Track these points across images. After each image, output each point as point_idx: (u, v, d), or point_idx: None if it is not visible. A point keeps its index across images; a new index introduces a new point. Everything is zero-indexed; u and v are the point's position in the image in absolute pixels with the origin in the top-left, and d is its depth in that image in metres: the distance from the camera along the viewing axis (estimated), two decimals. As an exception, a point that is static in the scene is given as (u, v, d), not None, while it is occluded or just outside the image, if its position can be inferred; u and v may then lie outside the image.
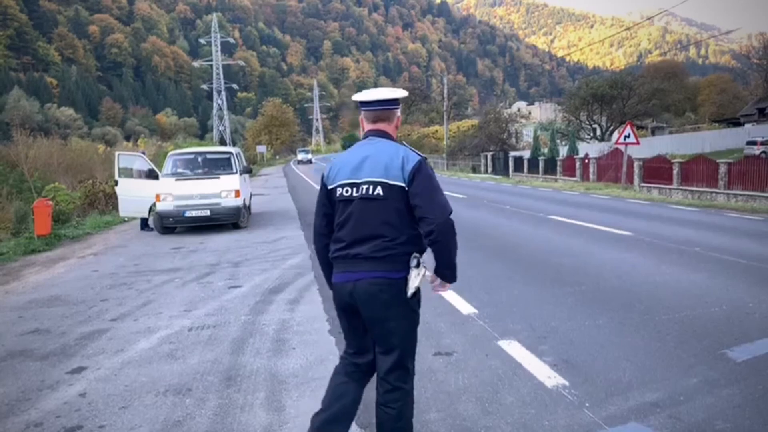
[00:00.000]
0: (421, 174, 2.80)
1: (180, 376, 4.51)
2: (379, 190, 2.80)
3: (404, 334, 2.95)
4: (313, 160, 73.93)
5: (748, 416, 3.45)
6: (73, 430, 3.70)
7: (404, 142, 3.03)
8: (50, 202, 13.09)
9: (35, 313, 6.67)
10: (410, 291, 2.84)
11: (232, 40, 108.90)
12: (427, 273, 2.94)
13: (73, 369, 4.80)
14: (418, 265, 2.85)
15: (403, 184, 2.79)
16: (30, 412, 4.00)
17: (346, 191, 2.87)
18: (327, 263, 3.05)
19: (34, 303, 7.20)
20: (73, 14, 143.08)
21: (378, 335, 2.92)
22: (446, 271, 3.04)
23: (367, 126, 3.02)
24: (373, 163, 2.84)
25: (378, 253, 2.80)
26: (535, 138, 39.39)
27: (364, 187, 2.83)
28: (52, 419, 3.87)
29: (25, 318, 6.50)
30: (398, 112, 3.05)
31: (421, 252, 2.91)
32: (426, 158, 2.92)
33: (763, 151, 39.01)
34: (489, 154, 44.07)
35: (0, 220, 13.62)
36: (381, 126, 2.99)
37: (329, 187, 2.96)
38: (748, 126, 53.86)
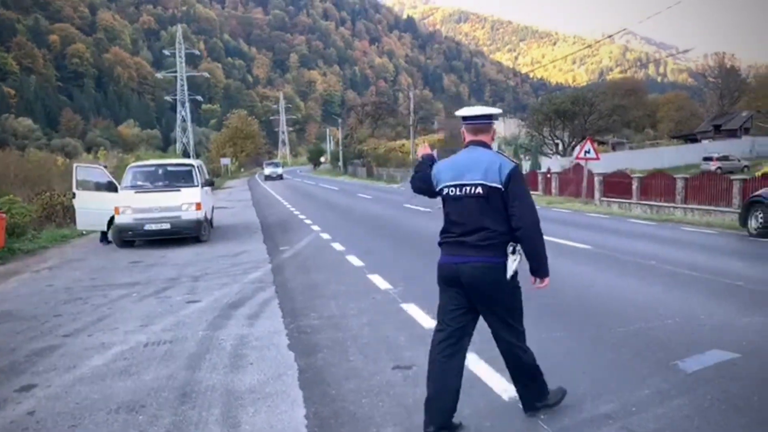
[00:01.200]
0: (515, 178, 3.42)
1: (133, 392, 4.41)
2: (479, 190, 3.42)
3: (511, 306, 3.57)
4: (284, 176, 61.92)
5: (696, 426, 3.52)
6: (18, 450, 3.58)
7: (501, 151, 3.44)
8: (4, 215, 12.72)
9: (-16, 330, 6.46)
10: (509, 273, 3.43)
11: (197, 52, 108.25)
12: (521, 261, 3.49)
13: (21, 387, 4.66)
14: (514, 252, 3.44)
15: (500, 186, 3.39)
16: (-26, 432, 3.86)
17: (452, 191, 3.51)
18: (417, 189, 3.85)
19: (-17, 319, 6.97)
20: (32, 23, 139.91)
21: (487, 309, 3.54)
22: (535, 264, 3.57)
23: (469, 137, 3.66)
24: (474, 168, 3.47)
25: (482, 242, 3.41)
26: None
27: (468, 187, 3.46)
28: (-3, 439, 3.74)
29: (-27, 334, 6.28)
30: (494, 126, 3.70)
31: (516, 242, 3.46)
32: (518, 164, 3.55)
33: (719, 167, 40.21)
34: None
35: (-49, 233, 13.12)
36: (481, 137, 3.64)
37: (438, 187, 3.61)
38: (704, 142, 55.53)
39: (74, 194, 13.39)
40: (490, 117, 3.64)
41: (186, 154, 76.09)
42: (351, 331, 5.77)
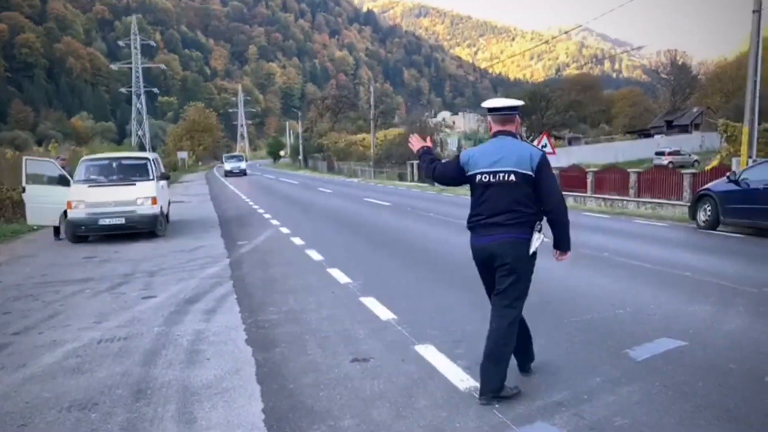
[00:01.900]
0: (544, 166, 3.85)
1: (86, 390, 4.33)
2: (512, 177, 3.80)
3: (523, 276, 3.93)
4: (248, 172, 53.61)
5: (645, 412, 3.64)
6: (-35, 451, 3.48)
7: (526, 140, 3.62)
8: (-51, 210, 12.28)
9: (-72, 328, 6.23)
10: (531, 250, 3.86)
11: (152, 43, 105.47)
12: (545, 239, 3.91)
13: (-32, 386, 4.52)
14: (540, 230, 3.87)
15: (531, 173, 3.79)
16: None
17: (485, 177, 3.87)
18: (431, 171, 4.23)
19: (-73, 317, 6.72)
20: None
21: (504, 276, 3.89)
22: (563, 242, 4.06)
23: (496, 127, 4.00)
24: (507, 157, 3.83)
25: (510, 221, 3.82)
26: (459, 147, 40.26)
27: (501, 174, 3.82)
28: (-58, 441, 3.63)
29: None
30: (518, 117, 4.09)
31: (541, 221, 3.90)
32: (545, 153, 3.97)
33: (671, 162, 41.36)
34: (415, 163, 44.61)
35: None
36: (507, 127, 3.99)
37: (469, 173, 3.95)
38: (657, 137, 57.03)
39: (24, 188, 12.99)
40: (515, 108, 4.01)
41: (142, 148, 74.37)
42: (310, 325, 5.76)
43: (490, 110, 4.02)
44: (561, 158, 26.50)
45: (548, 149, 22.99)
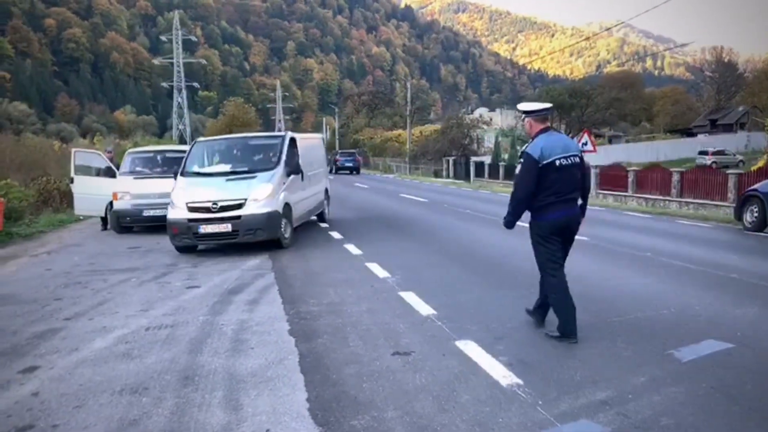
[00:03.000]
0: (582, 153, 5.03)
1: (136, 375, 4.47)
2: (578, 160, 4.88)
3: None
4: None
5: (691, 413, 3.60)
6: (24, 429, 3.64)
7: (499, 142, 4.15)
8: (1, 199, 12.73)
9: (-15, 312, 6.50)
10: None
11: (193, 38, 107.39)
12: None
13: (25, 368, 4.71)
14: None
15: (580, 158, 4.91)
16: (-21, 412, 3.91)
17: (563, 161, 4.79)
18: (524, 210, 5.02)
19: (-17, 302, 7.01)
20: (28, 6, 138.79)
21: (570, 241, 5.10)
22: (585, 207, 5.17)
23: (539, 125, 4.98)
24: (569, 145, 4.94)
25: (578, 196, 4.97)
26: (496, 144, 39.96)
27: (572, 158, 4.83)
28: (3, 419, 3.79)
29: (-26, 317, 6.32)
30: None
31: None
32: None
33: (714, 161, 40.36)
34: (451, 159, 44.48)
35: (-52, 217, 13.12)
36: (547, 123, 5.06)
37: (546, 161, 4.74)
38: (700, 136, 55.70)
39: (72, 179, 13.38)
40: (549, 109, 5.16)
41: (182, 141, 75.75)
42: (350, 318, 5.83)
43: (532, 112, 4.99)
44: (601, 157, 26.07)
45: (589, 147, 22.69)
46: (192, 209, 9.39)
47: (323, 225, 13.29)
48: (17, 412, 3.89)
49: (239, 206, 9.38)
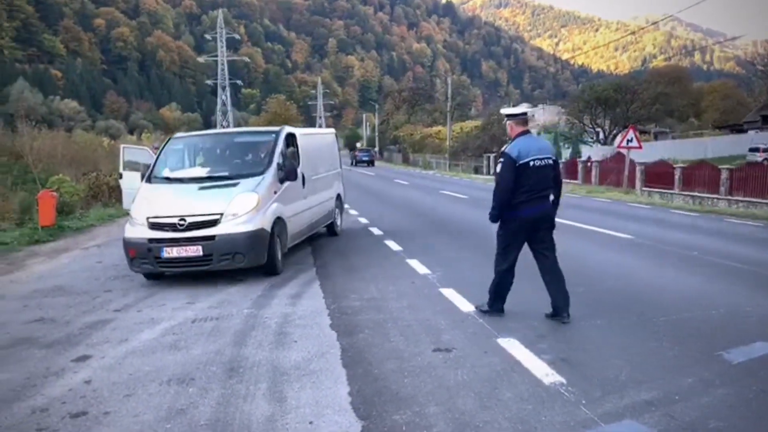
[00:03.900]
0: (554, 155, 5.49)
1: (183, 366, 4.58)
2: (551, 162, 5.36)
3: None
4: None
5: (741, 416, 3.51)
6: (78, 416, 3.77)
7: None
8: (55, 194, 13.16)
9: (40, 303, 6.76)
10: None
11: (237, 36, 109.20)
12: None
13: (77, 357, 4.88)
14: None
15: (552, 159, 5.38)
16: (36, 398, 4.08)
17: (537, 162, 5.26)
18: (508, 206, 5.34)
19: (38, 292, 7.28)
20: (79, 7, 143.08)
21: (547, 231, 5.54)
22: (557, 204, 5.62)
23: (519, 128, 5.44)
24: (544, 147, 5.46)
25: (549, 195, 5.45)
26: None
27: (545, 160, 5.31)
28: (58, 405, 3.94)
29: (29, 307, 6.58)
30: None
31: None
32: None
33: (766, 158, 39.01)
34: (492, 156, 44.10)
35: (4, 211, 13.64)
36: (528, 127, 5.55)
37: (521, 162, 5.21)
38: (751, 133, 53.87)
39: (121, 175, 13.74)
40: (525, 113, 5.63)
41: (225, 138, 76.96)
42: (391, 314, 5.86)
43: (512, 116, 5.51)
44: (647, 153, 25.41)
45: (634, 143, 22.24)
46: (154, 226, 7.25)
47: (363, 221, 13.34)
48: (71, 399, 4.04)
49: (213, 223, 7.19)
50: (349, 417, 3.63)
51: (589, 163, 28.81)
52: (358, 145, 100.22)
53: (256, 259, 7.40)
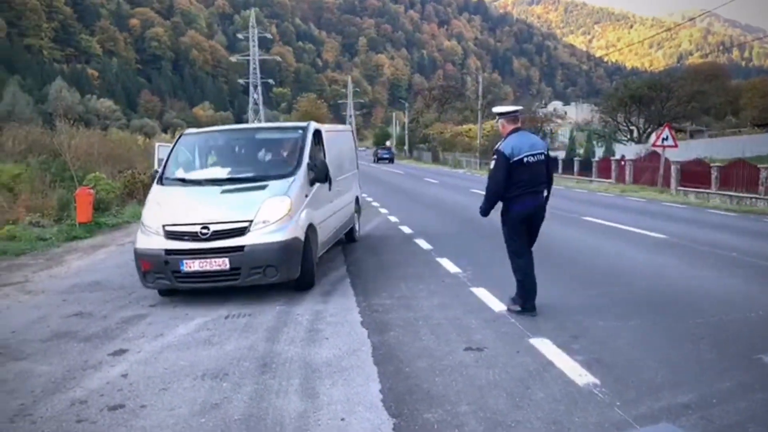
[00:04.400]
0: (548, 150, 5.77)
1: (217, 361, 4.65)
2: (543, 157, 5.54)
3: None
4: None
5: (781, 421, 3.43)
6: (115, 408, 3.85)
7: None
8: (92, 191, 13.44)
9: (78, 297, 6.91)
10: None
11: (269, 36, 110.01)
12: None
13: (114, 351, 4.98)
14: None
15: (546, 155, 5.62)
16: (75, 390, 4.18)
17: (531, 158, 5.44)
18: (497, 201, 5.62)
19: (76, 287, 7.45)
20: (115, 7, 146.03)
21: (538, 225, 5.75)
22: (548, 200, 5.78)
23: (512, 126, 5.61)
24: (536, 144, 5.61)
25: (542, 190, 5.63)
26: (571, 138, 38.97)
27: (538, 155, 5.50)
28: (96, 397, 4.03)
29: (68, 301, 6.74)
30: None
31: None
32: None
33: (807, 157, 37.88)
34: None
35: (43, 207, 13.97)
36: (519, 124, 5.67)
37: (515, 158, 5.38)
38: (791, 131, 52.33)
39: (156, 171, 13.95)
40: (519, 110, 5.84)
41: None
42: (422, 312, 5.85)
43: (504, 114, 5.67)
44: (682, 152, 24.92)
45: (669, 142, 21.85)
46: (171, 235, 6.36)
47: (393, 219, 13.34)
48: (109, 391, 4.13)
49: (241, 232, 6.30)
50: (381, 414, 3.64)
51: (622, 162, 28.38)
52: (388, 143, 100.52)
53: (289, 273, 6.50)
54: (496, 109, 5.86)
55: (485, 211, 5.75)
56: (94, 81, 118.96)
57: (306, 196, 7.06)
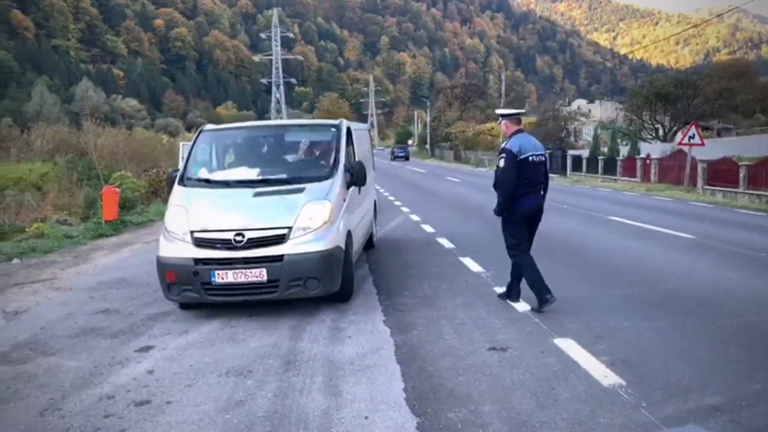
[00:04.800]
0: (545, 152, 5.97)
1: (241, 358, 4.68)
2: (543, 158, 5.80)
3: None
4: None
5: (814, 425, 3.35)
6: (142, 404, 3.90)
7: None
8: (117, 189, 13.62)
9: (104, 294, 7.01)
10: None
11: (291, 35, 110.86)
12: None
13: (141, 347, 5.04)
14: None
15: (544, 156, 5.82)
16: (103, 385, 4.24)
17: (535, 158, 5.68)
18: (511, 199, 5.68)
19: (103, 284, 7.55)
20: (140, 8, 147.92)
21: (538, 222, 5.94)
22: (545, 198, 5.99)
23: (515, 127, 5.83)
24: (538, 145, 5.83)
25: (543, 189, 5.87)
26: (595, 137, 38.55)
27: (540, 156, 5.74)
28: (123, 393, 4.09)
29: (95, 298, 6.84)
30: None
31: None
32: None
33: (839, 156, 37.02)
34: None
35: (70, 206, 14.20)
36: (521, 126, 5.90)
37: (522, 157, 5.59)
38: (822, 129, 51.29)
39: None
40: (522, 113, 6.20)
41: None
42: (445, 311, 5.84)
43: (508, 115, 5.92)
44: (709, 150, 24.50)
45: (696, 140, 21.54)
46: (201, 242, 5.73)
47: (415, 218, 13.32)
48: (135, 387, 4.18)
49: (279, 239, 5.68)
50: (404, 413, 3.64)
51: (647, 161, 28.01)
52: (410, 141, 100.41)
53: (331, 286, 5.84)
54: (500, 111, 6.15)
55: (500, 210, 5.83)
56: (120, 81, 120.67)
57: (344, 200, 6.48)
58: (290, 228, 5.72)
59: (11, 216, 12.72)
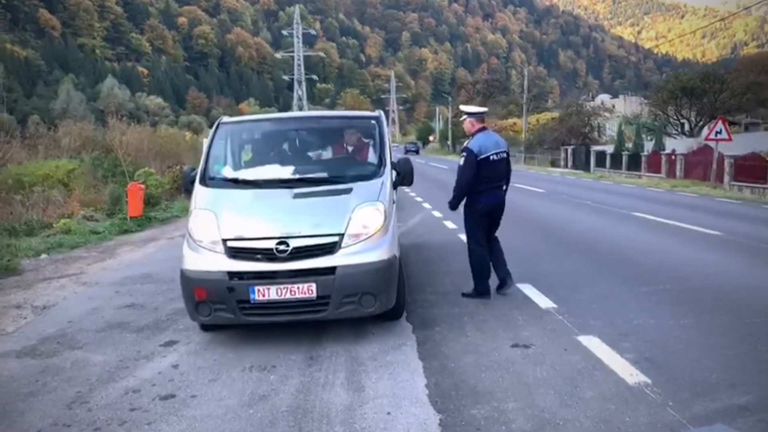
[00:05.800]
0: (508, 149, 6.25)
1: (264, 353, 4.71)
2: (505, 155, 6.05)
3: None
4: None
5: None
6: (167, 398, 3.94)
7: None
8: (142, 186, 13.78)
9: (130, 289, 7.10)
10: None
11: (313, 32, 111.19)
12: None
13: (165, 342, 5.10)
14: None
15: (506, 153, 6.09)
16: (128, 379, 4.29)
17: (495, 157, 5.91)
18: (465, 196, 6.04)
19: (128, 279, 7.65)
20: (163, 6, 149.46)
21: (499, 218, 6.29)
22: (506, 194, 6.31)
23: (479, 125, 6.05)
24: (500, 143, 6.05)
25: (504, 186, 6.17)
26: (620, 132, 38.11)
27: (501, 154, 5.99)
28: (148, 387, 4.14)
29: (121, 293, 6.93)
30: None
31: None
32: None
33: None
34: (569, 148, 43.01)
35: (96, 202, 14.41)
36: (485, 124, 6.15)
37: (482, 156, 5.82)
38: None
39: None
40: (485, 111, 6.37)
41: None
42: (467, 308, 5.81)
43: (473, 114, 6.09)
44: (736, 145, 24.13)
45: (723, 135, 21.20)
46: (236, 253, 4.79)
47: (437, 214, 13.29)
48: (160, 381, 4.23)
49: (330, 249, 4.77)
50: (427, 409, 3.63)
51: (673, 156, 27.62)
52: (431, 137, 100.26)
53: (388, 301, 4.94)
54: (464, 108, 6.26)
55: (455, 205, 6.15)
56: (144, 79, 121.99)
57: (393, 202, 5.54)
58: (341, 235, 4.80)
59: (39, 212, 12.94)
